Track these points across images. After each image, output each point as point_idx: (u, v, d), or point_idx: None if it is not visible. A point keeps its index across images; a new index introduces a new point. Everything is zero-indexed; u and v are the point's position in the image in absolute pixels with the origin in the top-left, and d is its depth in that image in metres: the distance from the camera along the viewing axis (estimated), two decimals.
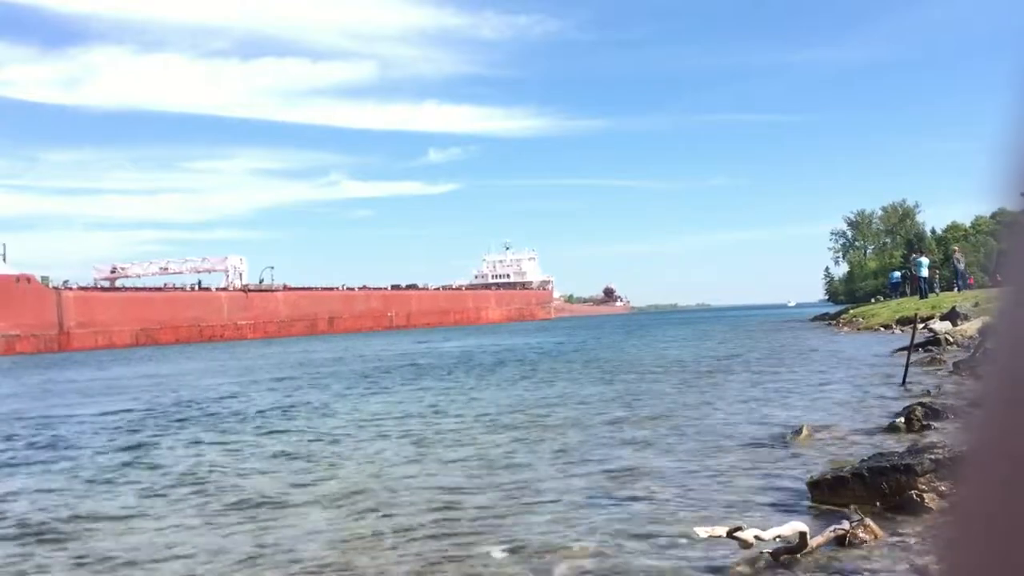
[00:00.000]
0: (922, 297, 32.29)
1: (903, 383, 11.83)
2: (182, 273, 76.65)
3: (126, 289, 70.34)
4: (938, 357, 15.70)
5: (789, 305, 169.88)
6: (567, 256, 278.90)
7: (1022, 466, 0.39)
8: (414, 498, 6.46)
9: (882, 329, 28.41)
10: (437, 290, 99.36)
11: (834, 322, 38.97)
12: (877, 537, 4.74)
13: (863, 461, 5.91)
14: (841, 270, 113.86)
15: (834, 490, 5.63)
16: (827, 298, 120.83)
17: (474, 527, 5.55)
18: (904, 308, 30.27)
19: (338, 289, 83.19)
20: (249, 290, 73.42)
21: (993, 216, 61.49)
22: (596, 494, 6.31)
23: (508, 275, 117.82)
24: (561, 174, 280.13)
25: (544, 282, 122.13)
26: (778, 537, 4.63)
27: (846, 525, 4.78)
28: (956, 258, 34.56)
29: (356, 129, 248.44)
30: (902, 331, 23.98)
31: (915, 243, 76.69)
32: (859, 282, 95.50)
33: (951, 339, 17.78)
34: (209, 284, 73.61)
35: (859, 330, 30.81)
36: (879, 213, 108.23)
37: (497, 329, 68.91)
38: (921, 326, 18.50)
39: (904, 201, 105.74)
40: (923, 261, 34.53)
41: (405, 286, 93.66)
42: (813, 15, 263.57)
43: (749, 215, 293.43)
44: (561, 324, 78.95)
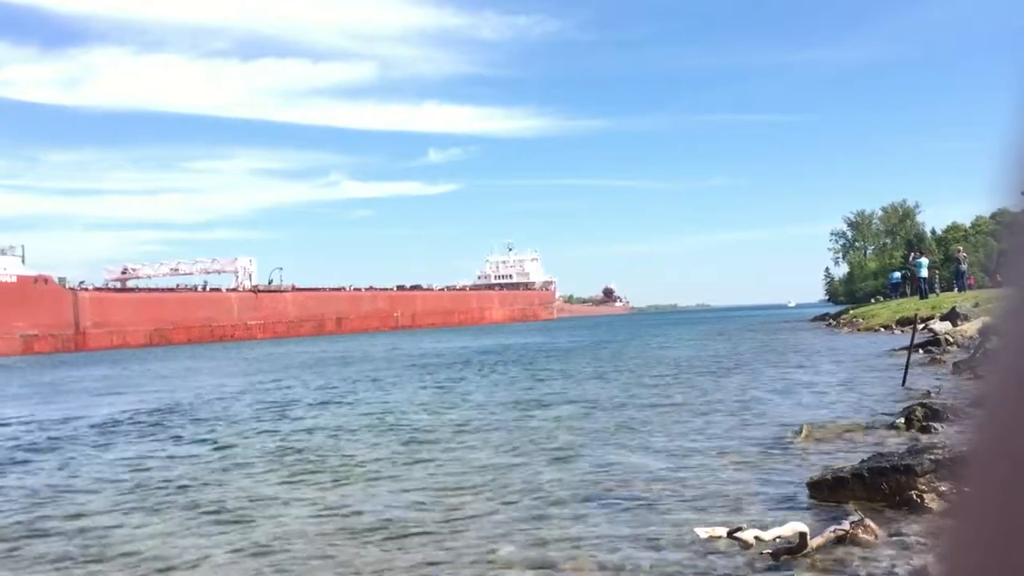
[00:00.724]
0: (922, 297, 32.28)
1: (903, 383, 11.83)
2: (192, 274, 76.89)
3: (139, 290, 70.71)
4: (938, 357, 15.71)
5: (789, 305, 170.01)
6: (567, 256, 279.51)
7: (1022, 466, 0.39)
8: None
9: (882, 330, 28.41)
10: (441, 291, 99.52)
11: (834, 322, 38.97)
12: (877, 537, 4.74)
13: (863, 461, 5.92)
14: (841, 270, 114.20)
15: (834, 490, 5.63)
16: (827, 298, 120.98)
17: (474, 526, 5.56)
18: (904, 308, 30.27)
19: (345, 290, 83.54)
20: (259, 291, 73.76)
21: (993, 216, 61.52)
22: (596, 494, 6.31)
23: (511, 275, 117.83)
24: (561, 174, 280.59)
25: (547, 282, 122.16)
26: (778, 537, 4.64)
27: (846, 525, 4.78)
28: (960, 258, 34.55)
29: (356, 129, 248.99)
30: (902, 331, 23.98)
31: (915, 243, 76.66)
32: (859, 282, 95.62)
33: (951, 339, 17.79)
34: (218, 285, 74.06)
35: (859, 331, 30.78)
36: (879, 213, 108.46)
37: (502, 329, 68.92)
38: (921, 326, 18.52)
39: (904, 201, 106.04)
40: (923, 261, 34.49)
41: (410, 287, 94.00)
42: (813, 15, 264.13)
43: (749, 215, 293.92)
44: (564, 324, 78.99)
